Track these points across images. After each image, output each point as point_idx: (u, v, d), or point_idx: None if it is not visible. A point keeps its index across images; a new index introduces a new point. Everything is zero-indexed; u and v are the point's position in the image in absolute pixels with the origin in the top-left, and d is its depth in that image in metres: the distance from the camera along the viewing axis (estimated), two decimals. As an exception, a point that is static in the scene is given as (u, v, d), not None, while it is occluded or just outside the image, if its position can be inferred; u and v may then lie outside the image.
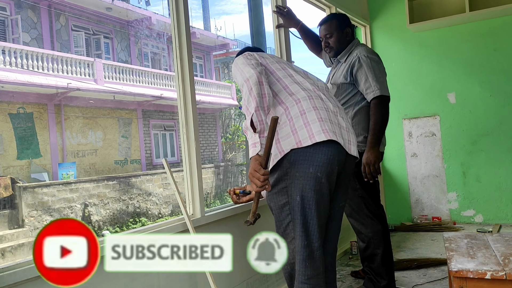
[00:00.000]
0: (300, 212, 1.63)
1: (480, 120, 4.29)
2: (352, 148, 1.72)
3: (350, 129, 1.75)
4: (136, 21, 14.83)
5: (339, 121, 1.72)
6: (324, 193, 1.61)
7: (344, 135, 1.69)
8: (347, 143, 1.69)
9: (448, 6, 4.33)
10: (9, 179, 9.45)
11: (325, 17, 2.75)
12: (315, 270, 1.64)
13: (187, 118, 2.22)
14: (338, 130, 1.66)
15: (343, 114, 1.78)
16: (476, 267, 1.55)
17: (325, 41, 2.64)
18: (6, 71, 10.23)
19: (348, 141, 1.71)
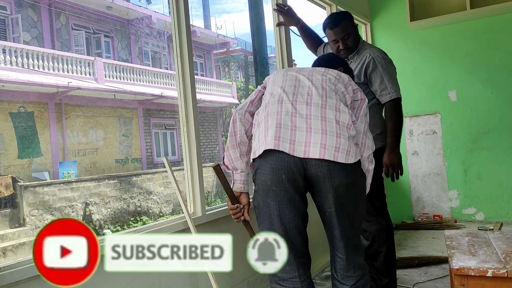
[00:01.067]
0: (260, 217, 1.75)
1: (481, 117, 4.28)
2: (311, 150, 1.59)
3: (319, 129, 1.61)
4: (136, 19, 14.83)
5: (297, 123, 1.62)
6: (278, 201, 1.65)
7: (300, 137, 1.60)
8: (302, 146, 1.59)
9: (449, 4, 4.32)
10: (10, 178, 9.46)
11: (335, 18, 2.59)
12: (288, 273, 1.68)
13: (187, 117, 2.22)
14: (288, 135, 1.60)
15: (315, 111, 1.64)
16: (477, 265, 1.55)
17: (342, 43, 2.52)
18: (7, 70, 10.23)
19: (306, 143, 1.59)
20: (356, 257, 1.69)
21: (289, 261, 1.67)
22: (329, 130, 1.60)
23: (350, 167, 1.62)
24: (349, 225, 1.67)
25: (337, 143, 1.59)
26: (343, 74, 1.87)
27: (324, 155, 1.57)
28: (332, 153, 1.58)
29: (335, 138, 1.59)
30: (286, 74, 1.84)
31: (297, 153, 1.59)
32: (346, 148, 1.60)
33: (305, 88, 1.73)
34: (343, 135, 1.61)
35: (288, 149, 1.59)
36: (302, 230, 1.72)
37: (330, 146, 1.58)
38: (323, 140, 1.58)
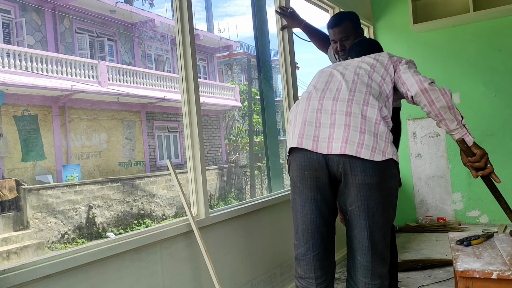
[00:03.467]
0: (292, 211, 1.74)
1: (485, 120, 4.27)
2: (333, 146, 1.54)
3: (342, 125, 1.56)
4: (139, 23, 14.88)
5: (322, 119, 1.60)
6: (302, 198, 1.65)
7: (324, 133, 1.57)
8: (325, 142, 1.56)
9: (452, 6, 4.32)
10: (14, 181, 9.49)
11: (336, 18, 2.55)
12: (305, 273, 1.66)
13: (191, 120, 2.22)
14: (312, 132, 1.59)
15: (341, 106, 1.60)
16: (482, 267, 1.54)
17: (340, 44, 2.48)
18: (11, 74, 10.27)
19: (329, 139, 1.56)
20: (379, 265, 1.61)
21: (307, 260, 1.65)
22: (352, 125, 1.54)
23: (375, 165, 1.53)
24: (375, 228, 1.58)
25: (361, 139, 1.52)
26: (382, 56, 1.82)
27: (345, 150, 1.52)
28: (354, 148, 1.52)
29: (359, 133, 1.53)
30: (323, 71, 1.85)
31: (321, 150, 1.56)
32: (371, 145, 1.53)
33: (336, 83, 1.70)
34: (369, 130, 1.54)
35: (312, 146, 1.57)
36: (323, 232, 1.65)
37: (352, 141, 1.52)
38: (345, 135, 1.54)
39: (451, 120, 1.67)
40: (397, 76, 1.75)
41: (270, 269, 2.70)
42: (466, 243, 1.84)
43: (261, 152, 16.38)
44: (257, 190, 15.40)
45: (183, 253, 2.07)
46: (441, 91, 1.65)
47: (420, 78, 1.68)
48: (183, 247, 2.07)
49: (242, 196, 15.24)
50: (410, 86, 1.69)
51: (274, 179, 3.34)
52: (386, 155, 1.55)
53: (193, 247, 2.11)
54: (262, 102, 3.40)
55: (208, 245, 2.13)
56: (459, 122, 1.68)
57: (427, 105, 1.66)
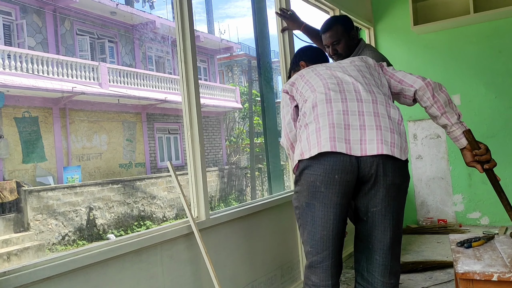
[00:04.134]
0: (302, 219, 1.66)
1: (486, 122, 4.27)
2: (368, 148, 1.53)
3: (373, 126, 1.55)
4: (140, 25, 14.90)
5: (350, 121, 1.56)
6: (325, 203, 1.58)
7: (355, 135, 1.54)
8: (357, 144, 1.53)
9: (452, 8, 4.32)
10: (14, 182, 9.49)
11: (327, 22, 2.55)
12: (321, 281, 1.62)
13: (191, 121, 2.22)
14: (342, 134, 1.54)
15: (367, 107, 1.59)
16: (482, 269, 1.54)
17: (332, 49, 2.49)
18: (12, 76, 10.29)
19: (361, 140, 1.53)
20: (395, 263, 1.64)
21: (325, 268, 1.61)
22: (383, 126, 1.55)
23: (403, 165, 1.59)
24: (396, 228, 1.63)
25: (392, 138, 1.55)
26: (365, 58, 1.88)
27: (383, 150, 1.52)
28: (389, 148, 1.53)
29: (389, 133, 1.55)
30: (319, 74, 1.76)
31: (354, 152, 1.53)
32: (399, 144, 1.56)
33: (350, 85, 1.66)
34: (396, 131, 1.57)
35: (345, 149, 1.53)
36: (341, 238, 1.64)
37: (386, 141, 1.53)
38: (379, 135, 1.53)
39: (451, 113, 1.73)
40: (387, 77, 1.82)
41: (271, 270, 2.70)
42: (466, 245, 1.84)
43: (261, 154, 16.37)
44: (258, 192, 15.39)
45: (183, 255, 2.07)
46: (440, 85, 1.75)
47: (419, 75, 1.78)
48: (184, 249, 2.07)
49: (243, 198, 15.24)
50: (413, 82, 1.75)
51: (275, 180, 3.33)
52: (407, 154, 1.62)
53: (194, 249, 2.10)
54: (263, 103, 3.40)
55: (208, 247, 2.13)
56: (459, 116, 1.75)
57: (430, 98, 1.70)
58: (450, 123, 1.72)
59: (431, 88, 1.71)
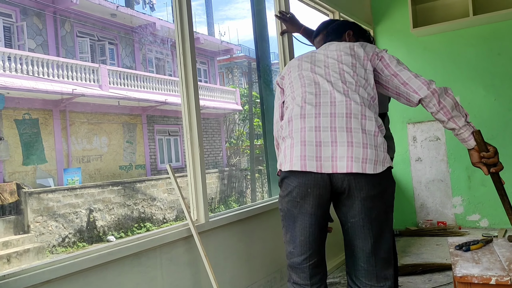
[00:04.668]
0: (284, 221, 1.74)
1: (485, 124, 4.27)
2: (338, 165, 1.54)
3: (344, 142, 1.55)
4: (140, 27, 14.92)
5: (322, 138, 1.57)
6: (302, 212, 1.64)
7: (326, 152, 1.55)
8: (329, 161, 1.55)
9: (451, 10, 4.33)
10: (14, 184, 9.50)
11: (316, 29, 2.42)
12: (302, 280, 1.70)
13: (191, 124, 2.23)
14: (313, 152, 1.56)
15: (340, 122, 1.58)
16: (481, 273, 1.54)
17: None
18: (12, 78, 10.30)
19: (332, 157, 1.54)
20: (383, 269, 1.63)
21: (304, 268, 1.68)
22: (355, 142, 1.54)
23: (378, 177, 1.56)
24: (378, 235, 1.61)
25: (364, 154, 1.54)
26: (357, 50, 1.74)
27: (352, 168, 1.53)
28: (359, 165, 1.53)
29: (362, 149, 1.54)
30: (302, 76, 1.74)
31: (325, 169, 1.55)
32: (373, 158, 1.54)
33: (327, 96, 1.64)
34: (370, 144, 1.55)
35: (316, 167, 1.56)
36: (320, 243, 1.69)
37: (357, 158, 1.53)
38: (349, 152, 1.53)
39: (459, 117, 1.71)
40: (388, 74, 1.74)
41: (270, 273, 2.70)
42: (465, 248, 1.85)
43: (261, 156, 16.38)
44: (258, 194, 15.39)
45: (183, 257, 2.07)
46: (445, 89, 1.71)
47: (424, 80, 1.72)
48: (183, 251, 2.08)
49: (243, 200, 15.24)
50: (418, 88, 1.70)
51: (274, 183, 3.33)
52: (385, 165, 1.58)
53: (193, 252, 2.11)
54: (262, 106, 3.41)
55: (208, 250, 2.13)
56: (466, 117, 1.73)
57: (436, 105, 1.68)
58: (458, 126, 1.71)
59: (437, 96, 1.68)
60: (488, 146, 1.75)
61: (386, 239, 1.64)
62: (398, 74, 1.72)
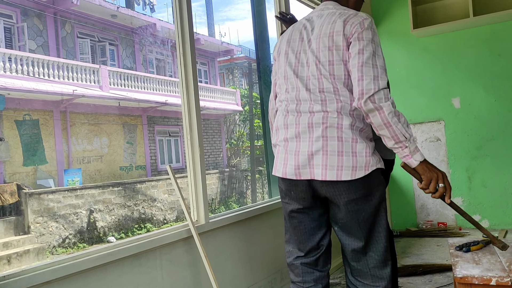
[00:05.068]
0: (285, 222, 1.82)
1: (485, 125, 4.28)
2: (315, 172, 1.57)
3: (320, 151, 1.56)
4: (141, 28, 14.93)
5: (301, 147, 1.61)
6: (291, 209, 1.72)
7: (303, 161, 1.59)
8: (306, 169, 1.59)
9: (452, 11, 4.33)
10: (15, 185, 9.50)
11: None
12: (296, 277, 1.76)
13: (191, 124, 2.23)
14: (293, 161, 1.62)
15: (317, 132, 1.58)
16: (481, 273, 1.54)
17: None
18: (13, 78, 10.31)
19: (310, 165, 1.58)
20: (378, 268, 1.63)
21: (297, 266, 1.74)
22: (330, 150, 1.55)
23: (359, 182, 1.55)
24: (369, 236, 1.61)
25: (339, 162, 1.54)
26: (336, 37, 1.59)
27: (326, 176, 1.55)
28: (334, 173, 1.54)
29: (337, 157, 1.55)
30: (287, 77, 1.72)
31: (304, 177, 1.60)
32: (351, 165, 1.54)
33: (306, 105, 1.62)
34: (346, 152, 1.54)
35: (295, 174, 1.62)
36: (313, 241, 1.71)
37: (331, 166, 1.54)
38: (324, 161, 1.55)
39: (388, 138, 1.53)
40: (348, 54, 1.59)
41: (271, 274, 2.70)
42: (465, 249, 1.85)
43: (262, 156, 16.38)
44: (258, 195, 15.39)
45: (183, 258, 2.07)
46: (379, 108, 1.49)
47: (362, 90, 1.51)
48: (183, 252, 2.07)
49: (243, 201, 15.24)
50: (355, 94, 1.54)
51: (274, 183, 3.34)
52: (369, 169, 1.56)
53: (193, 253, 2.11)
54: (263, 107, 3.41)
55: (208, 251, 2.13)
56: (398, 142, 1.52)
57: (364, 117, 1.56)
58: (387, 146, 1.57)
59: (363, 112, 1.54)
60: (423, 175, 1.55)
61: (378, 240, 1.63)
62: (351, 70, 1.57)
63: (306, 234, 1.71)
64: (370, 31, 1.59)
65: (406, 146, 1.52)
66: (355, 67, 1.54)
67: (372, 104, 1.49)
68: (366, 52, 1.54)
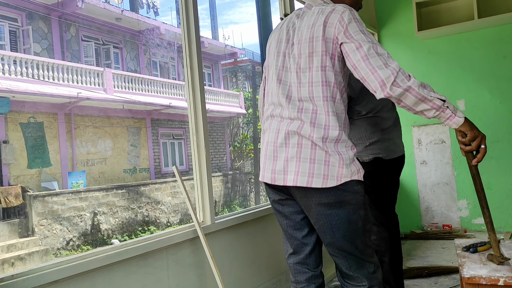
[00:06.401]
0: None
1: (490, 127, 4.26)
2: (288, 178, 1.58)
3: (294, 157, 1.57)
4: (145, 31, 15.00)
5: (278, 153, 1.63)
6: (278, 211, 1.78)
7: (279, 166, 1.61)
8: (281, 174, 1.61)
9: (456, 13, 4.33)
10: (19, 188, 9.54)
11: None
12: (292, 276, 1.80)
13: (197, 126, 2.24)
14: (271, 165, 1.66)
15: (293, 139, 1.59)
16: (489, 274, 1.54)
17: None
18: (17, 81, 10.37)
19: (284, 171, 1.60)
20: (360, 269, 1.64)
21: (289, 265, 1.80)
22: (303, 157, 1.56)
23: (332, 190, 1.54)
24: (344, 242, 1.60)
25: (311, 169, 1.54)
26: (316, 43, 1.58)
27: (297, 182, 1.56)
28: (305, 179, 1.54)
29: (309, 164, 1.54)
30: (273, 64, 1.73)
31: (278, 182, 1.63)
32: (322, 173, 1.53)
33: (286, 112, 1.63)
34: (319, 160, 1.54)
35: (271, 179, 1.66)
36: (304, 244, 1.74)
37: (303, 172, 1.55)
38: (297, 167, 1.56)
39: (427, 110, 1.51)
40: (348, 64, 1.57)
41: (275, 275, 2.70)
42: (472, 249, 1.84)
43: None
44: (262, 197, 15.39)
45: (189, 259, 2.08)
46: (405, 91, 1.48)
47: (382, 79, 1.48)
48: (189, 253, 2.08)
49: (247, 203, 15.23)
50: (375, 88, 1.51)
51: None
52: (341, 179, 1.53)
53: (199, 253, 2.11)
54: (267, 109, 3.41)
55: (213, 251, 2.13)
56: (438, 108, 1.51)
57: (396, 103, 1.54)
58: (427, 117, 1.56)
59: (394, 99, 1.51)
60: (469, 131, 1.57)
61: (355, 245, 1.61)
62: (357, 68, 1.53)
63: (291, 228, 1.75)
64: (354, 23, 1.55)
65: (446, 107, 1.51)
66: (360, 62, 1.50)
67: (400, 88, 1.47)
68: (364, 44, 1.51)
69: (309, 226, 1.72)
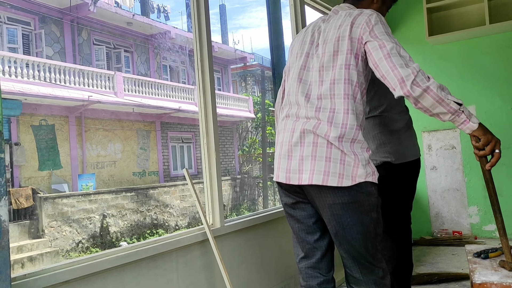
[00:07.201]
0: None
1: (501, 133, 4.21)
2: (303, 177, 1.58)
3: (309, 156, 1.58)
4: (155, 35, 15.10)
5: (293, 152, 1.63)
6: (290, 215, 1.77)
7: (294, 165, 1.61)
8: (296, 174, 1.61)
9: (468, 19, 4.31)
10: (30, 189, 9.63)
11: None
12: (302, 281, 1.78)
13: (207, 129, 2.25)
14: (285, 165, 1.65)
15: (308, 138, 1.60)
16: (500, 280, 1.53)
17: None
18: (30, 84, 10.49)
19: (299, 170, 1.60)
20: (368, 274, 1.64)
21: (300, 269, 1.78)
22: (318, 156, 1.56)
23: (346, 190, 1.54)
24: (356, 244, 1.60)
25: (327, 167, 1.54)
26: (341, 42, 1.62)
27: (313, 180, 1.56)
28: (321, 177, 1.55)
29: (324, 162, 1.55)
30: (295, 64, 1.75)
31: (293, 181, 1.62)
32: (337, 172, 1.54)
33: (303, 111, 1.65)
34: (334, 159, 1.54)
35: (286, 178, 1.65)
36: (315, 248, 1.73)
37: (319, 171, 1.55)
38: (313, 166, 1.57)
39: (443, 113, 1.53)
40: (370, 63, 1.59)
41: (284, 279, 2.70)
42: (483, 255, 1.83)
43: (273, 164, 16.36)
44: (270, 202, 15.37)
45: (198, 261, 2.08)
46: (424, 91, 1.49)
47: (401, 77, 1.50)
48: (199, 255, 2.09)
49: (255, 207, 15.22)
50: (394, 86, 1.53)
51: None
52: (356, 179, 1.54)
53: (208, 256, 2.12)
54: (277, 113, 3.42)
55: (223, 254, 2.14)
56: (454, 112, 1.51)
57: (413, 104, 1.56)
58: (442, 120, 1.58)
59: (412, 98, 1.53)
60: (483, 136, 1.57)
61: (366, 247, 1.61)
62: (378, 66, 1.55)
63: (303, 232, 1.74)
64: (380, 24, 1.59)
65: (462, 111, 1.52)
66: (382, 60, 1.53)
67: (419, 88, 1.49)
68: (388, 44, 1.54)
69: (321, 230, 1.72)
